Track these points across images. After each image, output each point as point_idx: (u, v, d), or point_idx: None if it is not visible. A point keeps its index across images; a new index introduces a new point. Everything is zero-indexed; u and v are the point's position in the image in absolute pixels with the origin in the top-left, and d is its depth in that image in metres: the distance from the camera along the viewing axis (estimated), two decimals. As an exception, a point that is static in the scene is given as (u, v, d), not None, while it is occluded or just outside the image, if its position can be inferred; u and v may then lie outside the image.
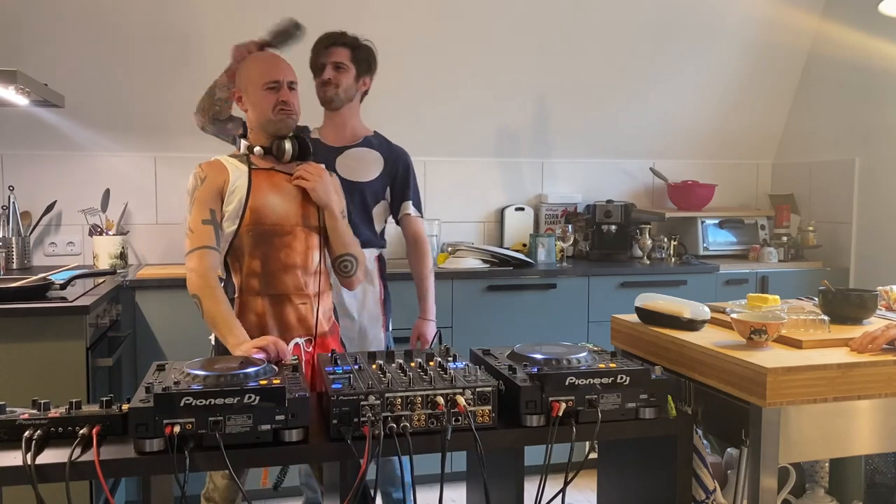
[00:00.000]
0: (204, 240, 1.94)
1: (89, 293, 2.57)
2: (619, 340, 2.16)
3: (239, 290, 2.02)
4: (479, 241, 3.88)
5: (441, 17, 3.46)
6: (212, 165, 2.03)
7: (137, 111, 3.36)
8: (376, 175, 2.50)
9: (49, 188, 3.34)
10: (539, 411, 1.56)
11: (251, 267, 2.01)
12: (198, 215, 1.97)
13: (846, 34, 3.76)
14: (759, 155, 4.28)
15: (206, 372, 1.50)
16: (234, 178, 2.01)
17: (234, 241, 2.00)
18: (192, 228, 1.96)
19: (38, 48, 3.13)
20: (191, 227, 1.97)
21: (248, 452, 1.44)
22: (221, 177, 2.01)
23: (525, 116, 3.84)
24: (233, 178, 2.01)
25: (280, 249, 2.01)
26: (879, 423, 1.71)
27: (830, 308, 2.00)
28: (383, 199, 2.54)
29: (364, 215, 2.50)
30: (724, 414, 1.73)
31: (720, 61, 3.91)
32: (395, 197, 2.55)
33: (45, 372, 2.35)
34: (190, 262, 1.93)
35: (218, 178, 2.00)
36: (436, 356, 1.77)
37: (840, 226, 3.83)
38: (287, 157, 2.05)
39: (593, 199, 3.88)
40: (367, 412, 1.48)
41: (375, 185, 2.50)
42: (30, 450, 1.39)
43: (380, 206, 2.54)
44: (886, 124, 3.60)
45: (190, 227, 1.97)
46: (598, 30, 3.66)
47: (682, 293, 3.17)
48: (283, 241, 2.02)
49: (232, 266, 2.03)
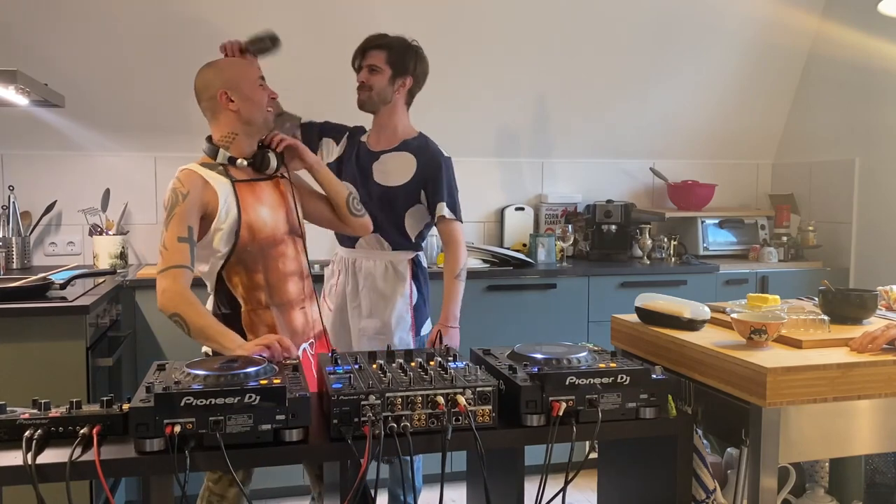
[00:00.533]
0: (178, 258, 1.84)
1: (89, 293, 2.57)
2: (619, 340, 2.16)
3: (245, 304, 1.99)
4: (480, 240, 3.88)
5: (441, 17, 3.46)
6: (192, 180, 1.91)
7: (137, 111, 3.36)
8: (408, 178, 2.48)
9: (49, 188, 3.34)
10: (539, 411, 1.56)
11: (255, 281, 1.99)
12: (174, 232, 1.86)
13: (846, 34, 3.76)
14: (759, 155, 4.28)
15: (207, 371, 1.50)
16: (223, 195, 1.93)
17: (232, 258, 1.96)
18: (166, 246, 1.85)
19: (38, 48, 3.13)
20: (165, 245, 1.86)
21: (249, 452, 1.44)
22: (207, 195, 1.91)
23: (525, 116, 3.84)
24: (222, 196, 1.92)
25: (277, 259, 2.01)
26: (879, 423, 1.71)
27: (830, 308, 2.00)
28: (418, 203, 2.51)
29: (394, 219, 2.49)
30: (724, 414, 1.73)
31: (720, 61, 3.91)
32: (429, 199, 2.51)
33: (45, 372, 2.35)
34: (163, 281, 1.83)
35: (203, 196, 1.90)
36: (436, 356, 1.77)
37: (840, 226, 3.83)
38: (272, 168, 2.03)
39: (593, 199, 3.88)
40: (368, 412, 1.48)
41: (407, 189, 2.48)
42: (30, 449, 1.39)
43: (414, 209, 2.51)
44: (886, 124, 3.60)
45: (164, 244, 1.86)
46: (598, 30, 3.66)
47: (682, 293, 3.17)
48: (279, 251, 2.02)
49: (231, 282, 1.98)
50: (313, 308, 2.14)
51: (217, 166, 1.98)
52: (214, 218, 1.92)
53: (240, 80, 2.00)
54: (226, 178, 1.96)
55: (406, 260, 2.53)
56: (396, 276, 2.50)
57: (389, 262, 2.51)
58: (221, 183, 1.95)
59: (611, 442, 2.03)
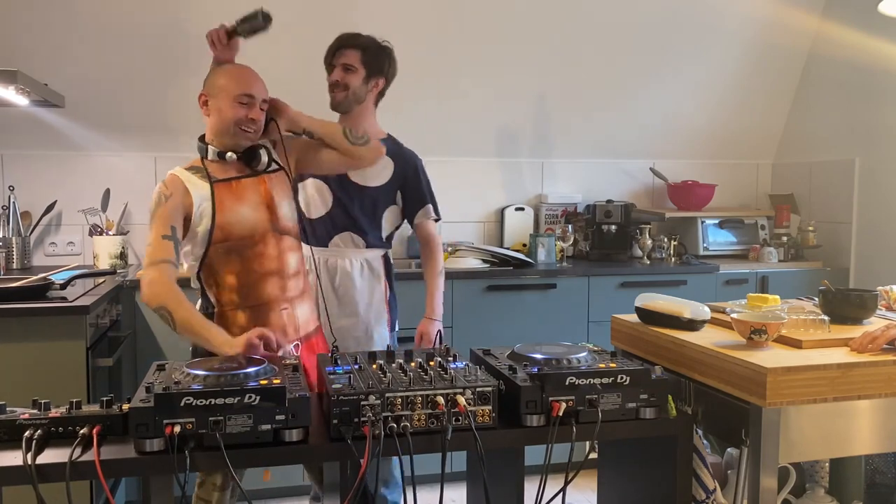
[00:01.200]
0: (163, 254, 1.88)
1: (89, 293, 2.57)
2: (619, 340, 2.16)
3: (218, 305, 2.01)
4: (480, 241, 3.88)
5: (441, 17, 3.46)
6: (175, 184, 1.96)
7: (137, 111, 3.36)
8: (386, 180, 2.48)
9: (49, 188, 3.34)
10: (539, 411, 1.56)
11: (227, 282, 1.99)
12: (158, 231, 1.91)
13: (846, 34, 3.76)
14: (759, 155, 4.28)
15: (207, 372, 1.50)
16: (198, 201, 1.96)
17: (205, 259, 1.98)
18: (151, 243, 1.90)
19: (38, 48, 3.13)
20: (150, 243, 1.91)
21: (249, 452, 1.44)
22: (187, 198, 1.95)
23: (525, 116, 3.84)
24: (196, 203, 1.96)
25: (253, 260, 2.00)
26: (879, 423, 1.71)
27: (830, 308, 2.00)
28: (394, 204, 2.53)
29: (372, 219, 2.49)
30: (724, 414, 1.73)
31: (720, 61, 3.91)
32: (407, 202, 2.53)
33: (45, 372, 2.35)
34: (149, 273, 1.87)
35: (185, 199, 1.95)
36: (436, 356, 1.77)
37: (840, 226, 3.83)
38: (262, 166, 2.03)
39: (593, 199, 3.88)
40: (368, 412, 1.48)
41: (385, 190, 2.48)
42: (30, 450, 1.39)
43: (390, 210, 2.52)
44: (886, 124, 3.59)
45: (149, 243, 1.91)
46: (598, 30, 3.66)
47: (682, 293, 3.17)
48: (256, 251, 2.00)
49: (206, 282, 2.01)
50: (300, 308, 2.10)
51: (201, 170, 2.01)
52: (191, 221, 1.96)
53: (219, 91, 2.00)
54: (206, 181, 1.98)
55: (380, 257, 2.54)
56: (372, 273, 2.51)
57: (365, 259, 2.51)
58: (199, 188, 1.97)
59: (611, 442, 2.03)
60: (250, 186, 2.03)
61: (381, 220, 2.51)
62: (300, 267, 2.12)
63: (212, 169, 2.01)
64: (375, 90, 2.52)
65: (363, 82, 2.48)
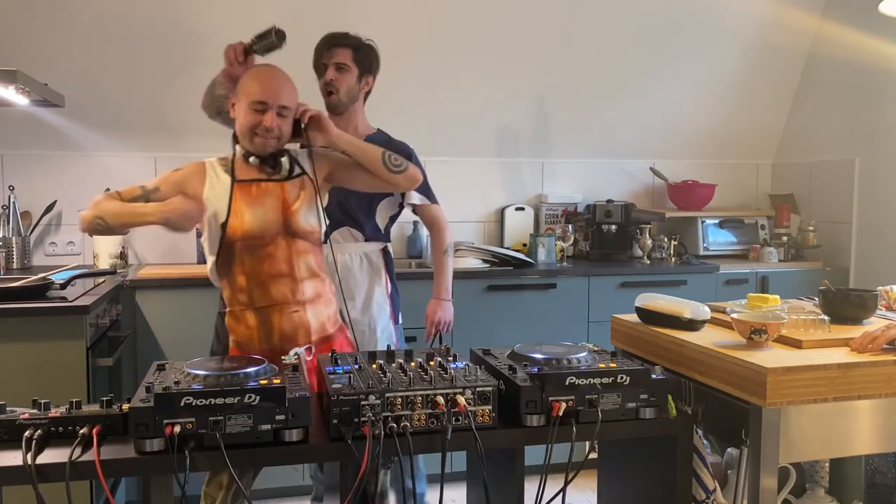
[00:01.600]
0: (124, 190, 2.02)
1: (89, 293, 2.57)
2: (619, 340, 2.16)
3: (230, 305, 2.05)
4: (480, 240, 3.88)
5: (441, 17, 3.46)
6: (196, 167, 2.06)
7: (137, 111, 3.36)
8: None
9: (49, 188, 3.34)
10: (539, 411, 1.56)
11: (238, 282, 2.03)
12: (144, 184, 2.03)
13: (846, 34, 3.76)
14: (759, 155, 4.28)
15: (207, 372, 1.50)
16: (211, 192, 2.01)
17: (219, 258, 2.03)
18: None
19: (38, 48, 3.13)
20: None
21: (249, 452, 1.44)
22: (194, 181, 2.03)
23: (525, 116, 3.84)
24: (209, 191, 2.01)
25: (263, 261, 2.01)
26: (879, 423, 1.71)
27: (830, 308, 2.00)
28: (389, 195, 2.54)
29: (368, 213, 2.51)
30: (724, 414, 1.73)
31: (720, 61, 3.91)
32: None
33: (45, 372, 2.35)
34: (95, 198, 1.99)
35: (193, 181, 2.03)
36: (436, 356, 1.77)
37: (840, 226, 3.83)
38: (283, 174, 2.05)
39: (593, 199, 3.88)
40: (368, 412, 1.48)
41: None
42: (30, 450, 1.39)
43: (385, 202, 2.54)
44: (886, 124, 3.59)
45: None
46: (598, 30, 3.66)
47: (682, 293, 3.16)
48: (266, 252, 2.01)
49: (220, 283, 2.07)
50: (314, 311, 2.08)
51: (229, 165, 2.07)
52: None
53: (240, 95, 2.04)
54: (229, 175, 2.03)
55: (378, 250, 2.55)
56: (371, 267, 2.52)
57: (364, 253, 2.52)
58: (220, 179, 2.03)
59: (611, 442, 2.03)
60: (269, 190, 2.05)
61: (375, 212, 2.53)
62: (318, 271, 2.11)
63: (238, 167, 2.06)
64: (366, 88, 2.55)
65: (356, 81, 2.50)
